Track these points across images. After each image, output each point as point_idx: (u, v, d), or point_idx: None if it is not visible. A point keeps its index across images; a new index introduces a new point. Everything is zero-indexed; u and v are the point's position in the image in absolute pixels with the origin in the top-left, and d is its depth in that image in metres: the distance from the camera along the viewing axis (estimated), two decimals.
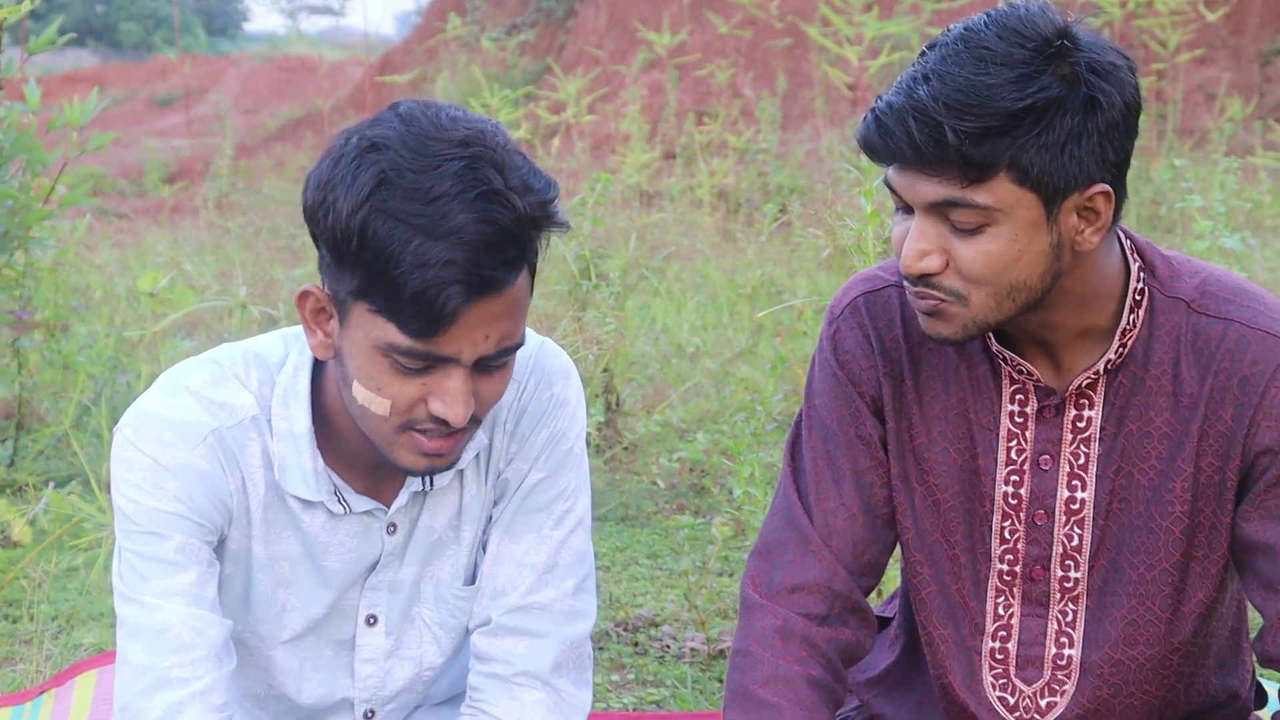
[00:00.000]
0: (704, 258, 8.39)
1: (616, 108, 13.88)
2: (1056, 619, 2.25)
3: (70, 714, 3.31)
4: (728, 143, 11.74)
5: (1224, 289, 2.17)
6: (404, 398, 2.02)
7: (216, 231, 10.72)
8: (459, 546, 2.31)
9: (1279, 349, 2.12)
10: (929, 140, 1.97)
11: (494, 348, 2.01)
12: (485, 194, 1.94)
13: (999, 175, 1.99)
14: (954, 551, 2.28)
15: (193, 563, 2.14)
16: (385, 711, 2.37)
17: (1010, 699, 2.29)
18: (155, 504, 2.13)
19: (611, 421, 5.56)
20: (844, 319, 2.31)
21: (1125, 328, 2.15)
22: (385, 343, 1.98)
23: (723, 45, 16.20)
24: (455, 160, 1.94)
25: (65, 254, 6.58)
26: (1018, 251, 2.03)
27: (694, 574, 4.07)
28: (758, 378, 5.82)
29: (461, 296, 1.93)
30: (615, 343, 5.42)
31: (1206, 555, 2.20)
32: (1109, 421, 2.19)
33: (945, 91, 1.97)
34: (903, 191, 2.06)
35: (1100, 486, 2.20)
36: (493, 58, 17.35)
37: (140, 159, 17.36)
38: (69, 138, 5.28)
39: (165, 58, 27.22)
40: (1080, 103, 1.99)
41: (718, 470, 5.15)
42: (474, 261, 1.92)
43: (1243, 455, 2.14)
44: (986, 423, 2.23)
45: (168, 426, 2.14)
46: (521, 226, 1.96)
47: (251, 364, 2.20)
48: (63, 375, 6.04)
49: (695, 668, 3.79)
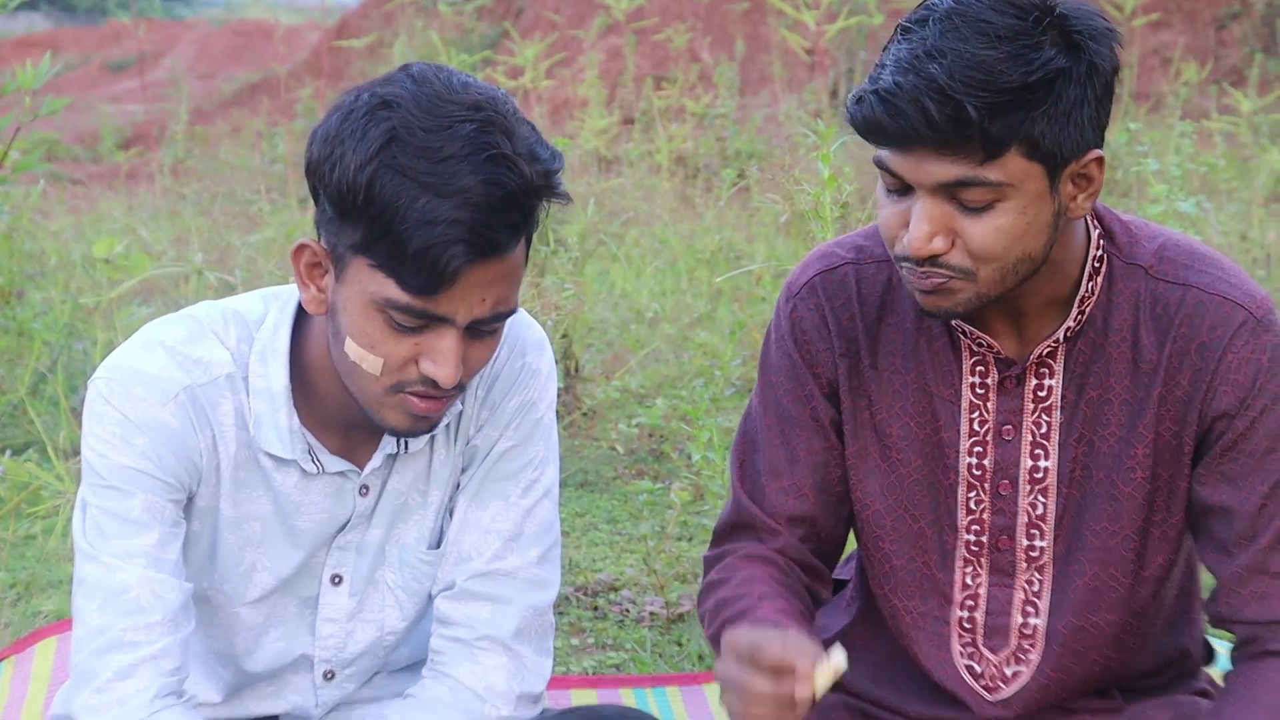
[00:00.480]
0: (662, 223, 8.39)
1: (574, 73, 13.83)
2: (1023, 588, 2.26)
3: (30, 680, 3.30)
4: (686, 108, 11.71)
5: (1182, 254, 2.18)
6: (396, 356, 2.03)
7: (172, 197, 10.65)
8: (425, 511, 2.31)
9: (1236, 314, 2.13)
10: (949, 119, 1.94)
11: (489, 311, 2.02)
12: (494, 158, 1.95)
13: (1011, 150, 1.98)
14: (920, 525, 2.28)
15: (156, 523, 2.13)
16: (344, 674, 2.37)
17: (977, 667, 2.30)
18: (122, 459, 2.12)
19: (570, 387, 5.56)
20: (801, 299, 2.30)
21: (1084, 295, 2.16)
22: (383, 298, 1.99)
23: (680, 9, 16.15)
24: (467, 123, 1.96)
25: (19, 220, 6.55)
26: (1026, 224, 2.03)
27: (653, 539, 4.08)
28: (716, 343, 5.83)
29: (464, 256, 1.94)
30: (574, 308, 5.42)
31: (1165, 520, 2.21)
32: (1069, 389, 2.19)
33: (959, 68, 1.94)
34: (907, 173, 2.02)
35: (1063, 455, 2.21)
36: (450, 22, 17.27)
37: (95, 124, 17.23)
38: (21, 103, 5.25)
39: (120, 22, 26.97)
40: (1084, 71, 1.99)
41: (676, 435, 5.16)
42: (479, 222, 1.94)
43: (1199, 419, 2.15)
44: (948, 395, 2.24)
45: (139, 381, 2.14)
46: (526, 193, 1.98)
47: (230, 321, 2.20)
48: (18, 342, 6.00)
49: (654, 631, 3.80)
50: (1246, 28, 13.81)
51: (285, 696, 2.39)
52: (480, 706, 2.27)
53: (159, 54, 24.93)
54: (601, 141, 10.82)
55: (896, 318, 2.26)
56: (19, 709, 3.18)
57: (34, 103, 5.24)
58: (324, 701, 2.38)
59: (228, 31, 26.77)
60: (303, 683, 2.38)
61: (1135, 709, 2.33)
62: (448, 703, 2.27)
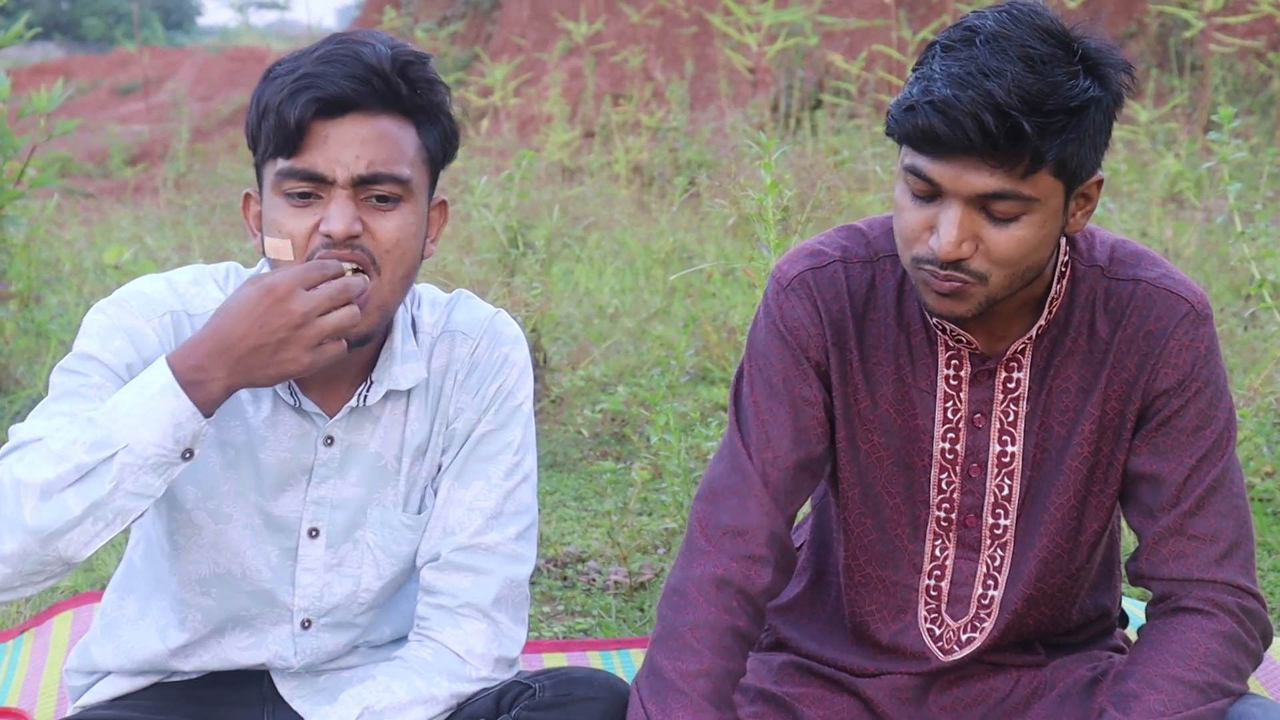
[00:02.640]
0: (621, 227, 8.37)
1: (539, 91, 13.80)
2: (986, 563, 2.27)
3: (49, 649, 3.28)
4: (641, 122, 11.69)
5: (1130, 255, 2.21)
6: (300, 231, 2.07)
7: (175, 209, 10.58)
8: (399, 477, 2.30)
9: (1180, 305, 2.16)
10: (1004, 134, 1.93)
11: (365, 168, 2.06)
12: (342, 39, 2.07)
13: (1046, 168, 1.98)
14: (894, 501, 2.29)
15: (100, 400, 2.08)
16: (320, 624, 2.35)
17: (937, 631, 2.31)
18: (94, 350, 2.13)
19: (539, 377, 5.54)
20: (792, 289, 2.26)
21: (1054, 296, 2.17)
22: (273, 176, 2.06)
23: (635, 33, 16.13)
24: (331, 41, 2.08)
25: (36, 231, 6.50)
26: (1042, 237, 2.04)
27: (616, 514, 4.07)
28: (672, 335, 5.82)
29: (308, 107, 2.02)
30: (542, 305, 5.40)
31: (1102, 490, 2.22)
32: (1034, 381, 2.20)
33: (1016, 88, 1.92)
34: (947, 182, 2.00)
35: (1027, 440, 2.22)
36: (426, 47, 17.21)
37: (104, 143, 17.12)
38: (37, 124, 5.21)
39: (126, 50, 26.85)
40: (1110, 100, 2.01)
41: (637, 420, 5.15)
42: (322, 75, 2.03)
43: (1142, 398, 2.17)
44: (924, 386, 2.24)
45: (135, 298, 2.18)
46: (380, 63, 2.06)
47: (231, 273, 2.28)
48: (36, 342, 5.97)
49: (618, 599, 3.79)
50: (1143, 45, 13.87)
51: (266, 646, 2.35)
52: (461, 667, 2.26)
53: (162, 79, 24.79)
54: (565, 153, 10.80)
55: (879, 314, 2.25)
56: (40, 675, 3.16)
57: (49, 124, 5.20)
58: (302, 650, 2.35)
59: (224, 58, 26.62)
60: (282, 633, 2.35)
61: (1056, 663, 2.34)
62: (432, 664, 2.25)
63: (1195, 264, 6.89)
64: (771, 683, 2.37)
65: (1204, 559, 2.16)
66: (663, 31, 15.88)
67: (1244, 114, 11.06)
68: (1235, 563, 2.16)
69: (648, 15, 15.74)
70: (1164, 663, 2.12)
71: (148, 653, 2.34)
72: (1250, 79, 12.31)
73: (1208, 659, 2.11)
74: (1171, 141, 9.59)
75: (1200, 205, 7.77)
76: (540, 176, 9.57)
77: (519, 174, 5.90)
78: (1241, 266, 5.95)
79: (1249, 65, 12.43)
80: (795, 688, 2.37)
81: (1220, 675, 2.11)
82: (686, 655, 2.20)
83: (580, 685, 2.24)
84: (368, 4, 21.01)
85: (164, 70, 25.90)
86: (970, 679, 2.33)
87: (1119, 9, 14.45)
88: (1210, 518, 2.16)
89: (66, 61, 29.65)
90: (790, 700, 2.34)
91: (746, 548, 2.24)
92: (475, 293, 2.49)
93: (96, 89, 25.54)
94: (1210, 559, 2.16)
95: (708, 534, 2.26)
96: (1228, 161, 4.63)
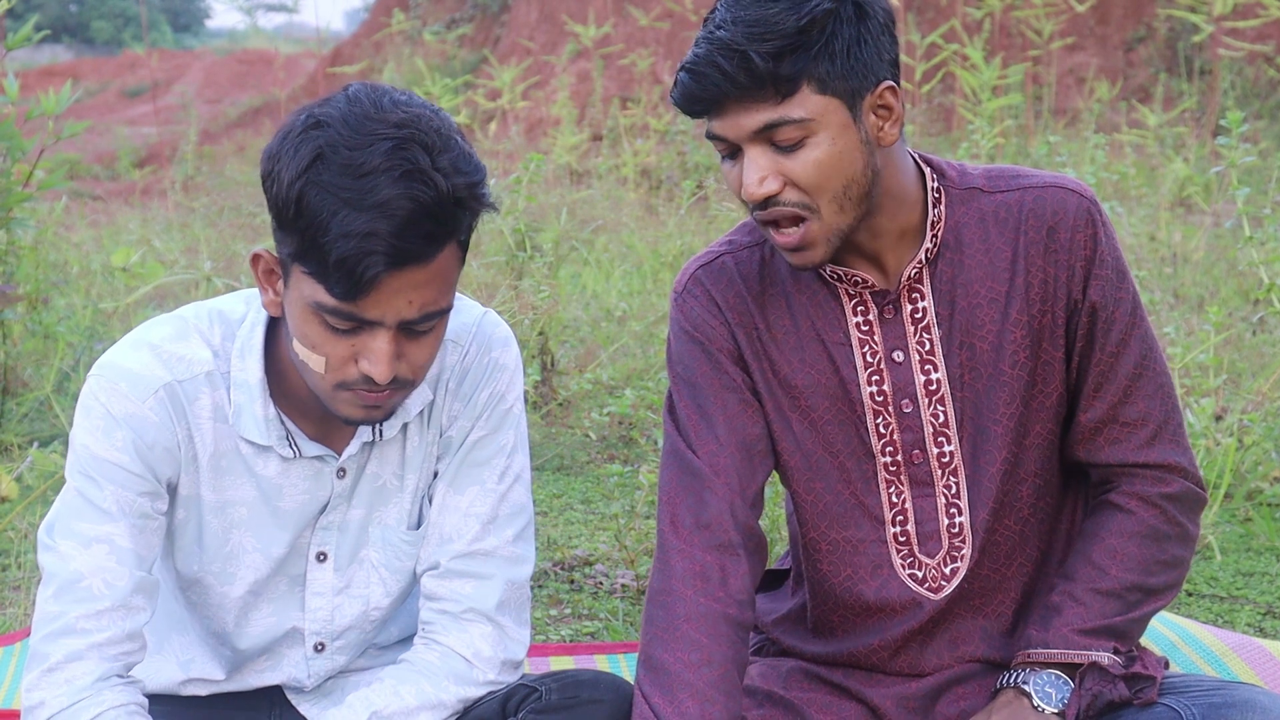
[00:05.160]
0: (629, 230, 8.37)
1: (547, 94, 13.82)
2: (943, 494, 2.30)
3: None
4: (649, 125, 11.71)
5: (1005, 172, 2.30)
6: (336, 355, 2.02)
7: (183, 211, 10.61)
8: (403, 494, 2.30)
9: (1070, 197, 2.23)
10: (740, 69, 2.04)
11: (417, 313, 2.00)
12: (410, 172, 1.92)
13: (803, 88, 2.07)
14: (840, 460, 2.32)
15: (122, 515, 2.12)
16: (334, 646, 2.35)
17: (919, 573, 2.32)
18: (103, 451, 2.12)
19: (547, 380, 5.54)
20: (688, 292, 2.34)
21: (933, 220, 2.24)
22: (316, 302, 1.98)
23: (643, 36, 16.14)
24: (387, 140, 1.93)
25: (45, 233, 6.50)
26: (838, 152, 2.10)
27: (623, 517, 4.07)
28: None
29: (380, 266, 1.92)
30: (549, 308, 5.41)
31: (1043, 390, 2.28)
32: (941, 307, 2.26)
33: (740, 28, 2.04)
34: (727, 132, 2.11)
35: (950, 363, 2.27)
36: (434, 50, 17.24)
37: (112, 145, 17.16)
38: (46, 126, 5.21)
39: (134, 53, 26.89)
40: (851, 11, 2.08)
41: (644, 423, 5.15)
42: (394, 234, 1.92)
43: (1067, 299, 2.24)
44: (838, 338, 2.29)
45: (124, 378, 2.13)
46: (443, 204, 1.95)
47: (215, 320, 2.20)
48: (44, 344, 5.97)
49: (626, 602, 3.79)
50: (1152, 50, 13.87)
51: (281, 669, 2.37)
52: (468, 671, 2.26)
53: (170, 81, 24.86)
54: (573, 156, 10.82)
55: (777, 286, 2.31)
56: None
57: (57, 126, 5.20)
58: (315, 672, 2.37)
59: (232, 60, 26.70)
60: (295, 655, 2.36)
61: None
62: (439, 667, 2.25)
63: (1204, 268, 6.89)
64: (780, 687, 2.38)
65: (1136, 442, 2.27)
66: (671, 34, 15.88)
67: (1253, 118, 11.07)
68: (1165, 440, 2.28)
69: (656, 18, 15.75)
70: (1086, 576, 2.24)
71: (165, 680, 2.36)
72: (1259, 83, 12.31)
73: (1125, 564, 2.24)
74: (1180, 146, 9.59)
75: (1209, 209, 7.77)
76: (548, 179, 9.59)
77: (527, 177, 5.90)
78: (1250, 271, 5.94)
79: (1258, 69, 12.43)
80: (804, 692, 2.38)
81: (1141, 575, 2.24)
82: (687, 646, 2.21)
83: (586, 688, 2.24)
84: (376, 7, 21.04)
85: (172, 73, 25.96)
86: (981, 689, 2.33)
87: (1128, 13, 14.44)
88: (1139, 402, 2.26)
89: (75, 64, 29.71)
90: (799, 704, 2.35)
91: (715, 538, 2.26)
92: (483, 296, 2.49)
93: (105, 91, 25.60)
94: (1141, 442, 2.27)
95: (678, 532, 2.28)
96: (1236, 166, 4.63)
